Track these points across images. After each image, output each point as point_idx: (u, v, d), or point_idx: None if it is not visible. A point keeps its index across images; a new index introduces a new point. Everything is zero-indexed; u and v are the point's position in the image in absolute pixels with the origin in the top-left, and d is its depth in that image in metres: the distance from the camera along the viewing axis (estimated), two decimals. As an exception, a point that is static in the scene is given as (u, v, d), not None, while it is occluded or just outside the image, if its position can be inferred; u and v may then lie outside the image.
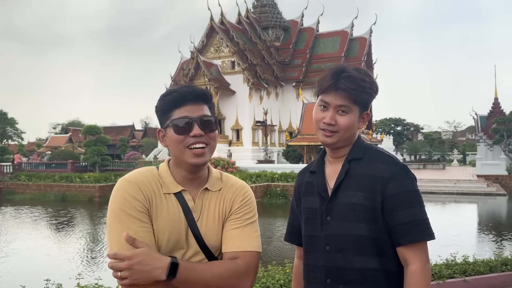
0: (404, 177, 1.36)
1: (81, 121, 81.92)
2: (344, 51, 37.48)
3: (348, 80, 1.39)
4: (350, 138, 1.45)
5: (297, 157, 28.25)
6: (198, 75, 32.27)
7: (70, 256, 9.54)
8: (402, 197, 1.33)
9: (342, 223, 1.37)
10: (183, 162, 1.30)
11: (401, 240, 1.32)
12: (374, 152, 1.45)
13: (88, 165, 25.55)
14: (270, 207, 18.10)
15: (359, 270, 1.33)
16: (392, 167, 1.37)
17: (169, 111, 1.29)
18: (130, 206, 1.23)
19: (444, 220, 15.37)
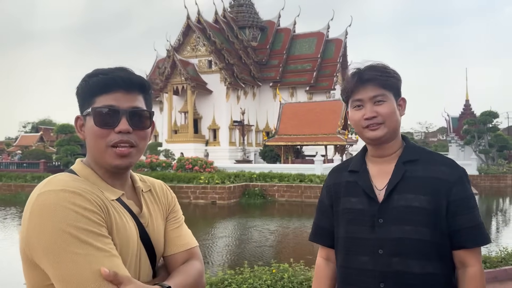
0: (466, 182, 1.36)
1: (52, 120, 79.95)
2: (320, 52, 37.87)
3: (371, 69, 1.38)
4: (396, 129, 1.41)
5: (274, 157, 28.36)
6: (175, 73, 31.97)
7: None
8: (466, 201, 1.33)
9: (401, 227, 1.31)
10: (103, 162, 1.05)
11: (466, 244, 1.31)
12: (431, 154, 1.42)
13: (61, 164, 24.91)
14: (248, 207, 18.09)
15: (420, 274, 1.29)
16: (457, 170, 1.36)
17: (93, 95, 1.05)
18: (88, 221, 0.94)
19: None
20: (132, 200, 1.12)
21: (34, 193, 0.99)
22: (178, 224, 1.20)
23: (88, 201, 0.97)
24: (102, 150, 1.05)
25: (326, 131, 25.40)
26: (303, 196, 19.06)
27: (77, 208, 0.94)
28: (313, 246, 10.39)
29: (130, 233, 1.04)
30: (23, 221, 0.98)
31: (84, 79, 1.09)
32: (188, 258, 1.16)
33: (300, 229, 13.19)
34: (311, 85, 36.37)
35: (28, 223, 0.95)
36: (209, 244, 10.76)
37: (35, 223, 0.93)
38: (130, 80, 1.08)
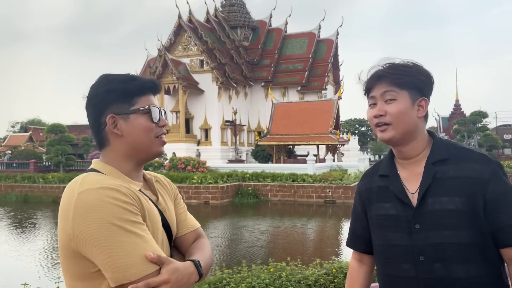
0: (502, 175, 1.28)
1: (41, 120, 79.07)
2: (312, 52, 38.00)
3: (389, 67, 1.33)
4: (410, 131, 1.33)
5: (266, 156, 28.42)
6: (166, 73, 31.86)
7: (40, 259, 9.23)
8: (504, 197, 1.25)
9: (439, 232, 1.27)
10: (149, 151, 1.21)
11: (510, 241, 1.24)
12: (461, 150, 1.34)
13: (51, 165, 24.69)
14: (241, 207, 18.12)
15: (464, 278, 1.25)
16: (489, 166, 1.28)
17: (133, 97, 1.19)
18: (128, 212, 1.05)
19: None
20: (149, 191, 1.26)
21: (72, 193, 1.07)
22: (183, 209, 1.35)
23: (124, 195, 1.08)
24: (151, 141, 1.20)
25: (318, 131, 25.52)
26: (296, 196, 19.13)
27: (118, 202, 1.05)
28: (304, 245, 10.43)
29: (157, 219, 1.18)
30: (64, 219, 1.05)
31: (122, 81, 1.20)
32: (196, 237, 1.32)
33: (293, 229, 13.26)
34: (303, 85, 36.49)
35: (73, 220, 1.03)
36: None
37: (82, 219, 1.03)
38: (157, 85, 1.26)
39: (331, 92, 37.56)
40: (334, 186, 18.81)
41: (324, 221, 15.13)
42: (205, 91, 33.40)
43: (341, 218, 15.66)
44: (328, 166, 23.81)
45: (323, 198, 18.76)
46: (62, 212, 1.07)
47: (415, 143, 1.34)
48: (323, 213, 16.88)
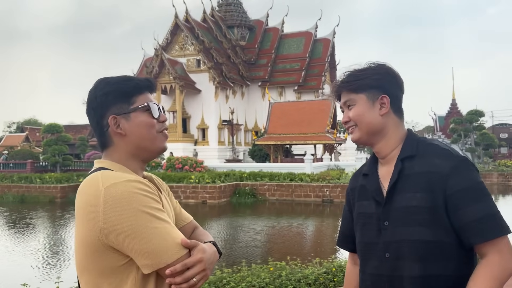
0: (464, 170, 1.23)
1: (38, 120, 78.80)
2: (309, 52, 38.02)
3: (344, 77, 1.39)
4: (376, 131, 1.35)
5: (263, 156, 28.44)
6: (163, 72, 31.80)
7: (39, 259, 9.20)
8: (466, 193, 1.20)
9: (402, 228, 1.26)
10: (153, 148, 1.24)
11: (473, 239, 1.20)
12: (427, 146, 1.32)
13: (48, 165, 24.60)
14: (239, 206, 18.13)
15: (420, 277, 1.23)
16: (450, 160, 1.24)
17: (131, 96, 1.22)
18: (155, 201, 1.12)
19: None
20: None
21: (97, 189, 1.09)
22: (177, 204, 1.39)
23: (147, 186, 1.13)
24: (154, 137, 1.24)
25: (315, 130, 25.55)
26: (294, 195, 19.16)
27: (145, 192, 1.11)
28: (303, 244, 10.45)
29: (169, 211, 1.24)
30: (90, 215, 1.07)
31: (119, 82, 1.24)
32: (193, 227, 1.38)
33: (291, 228, 13.27)
34: (300, 85, 36.52)
35: (104, 213, 1.06)
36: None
37: (115, 211, 1.06)
38: (152, 83, 1.30)
39: (328, 92, 37.44)
40: (331, 185, 18.85)
41: (322, 220, 15.17)
42: (202, 90, 33.37)
43: (339, 217, 15.67)
44: (326, 166, 23.86)
45: (320, 197, 18.79)
46: (86, 209, 1.09)
47: (385, 141, 1.36)
48: (321, 212, 16.92)
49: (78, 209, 1.11)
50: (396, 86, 1.38)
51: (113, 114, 1.19)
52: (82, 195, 1.12)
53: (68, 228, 13.43)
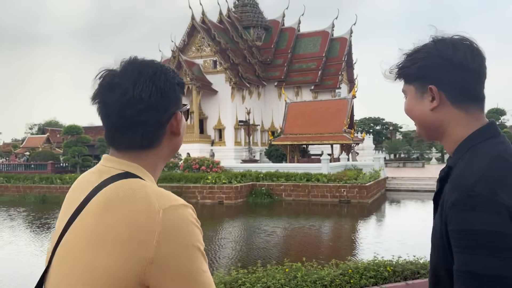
0: (465, 210, 0.92)
1: (58, 121, 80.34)
2: (325, 51, 37.82)
3: (398, 64, 1.15)
4: (428, 127, 1.11)
5: (280, 156, 28.38)
6: (180, 74, 31.76)
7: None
8: (456, 236, 0.94)
9: (433, 252, 1.10)
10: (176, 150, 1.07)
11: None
12: (466, 158, 1.01)
13: (68, 166, 25.05)
14: (255, 206, 18.13)
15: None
16: (457, 191, 0.95)
17: (181, 97, 1.04)
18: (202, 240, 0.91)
19: (430, 216, 15.72)
20: None
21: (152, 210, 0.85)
22: None
23: (195, 214, 0.93)
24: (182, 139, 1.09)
25: (332, 130, 25.38)
26: (310, 195, 19.06)
27: (198, 224, 0.91)
28: (320, 245, 10.38)
29: None
30: (140, 240, 0.82)
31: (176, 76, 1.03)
32: None
33: (308, 229, 13.21)
34: (316, 84, 36.34)
35: (157, 243, 0.82)
36: (219, 244, 10.81)
37: (171, 244, 0.83)
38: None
39: (345, 91, 37.33)
40: (348, 185, 18.69)
41: (339, 221, 15.05)
42: (218, 91, 33.52)
43: (357, 217, 15.55)
44: (343, 166, 23.68)
45: (337, 197, 18.65)
46: (128, 231, 0.83)
47: (446, 140, 1.11)
48: (338, 212, 16.79)
49: (109, 227, 0.84)
50: (455, 71, 1.04)
51: (177, 109, 1.00)
52: (123, 210, 0.85)
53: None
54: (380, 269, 4.89)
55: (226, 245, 10.57)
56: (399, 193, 23.17)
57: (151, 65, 0.98)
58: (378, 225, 14.20)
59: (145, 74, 0.95)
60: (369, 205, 18.00)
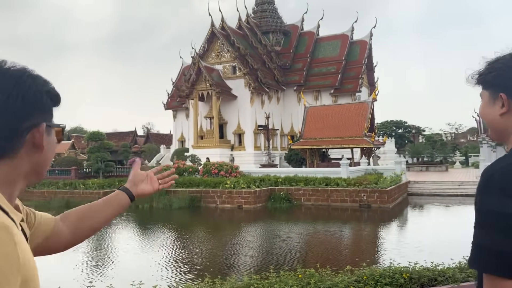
0: (483, 193, 1.10)
1: (83, 128, 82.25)
2: (345, 55, 37.55)
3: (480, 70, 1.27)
4: (498, 131, 1.23)
5: (300, 160, 28.27)
6: (200, 80, 32.37)
7: (74, 263, 9.54)
8: (475, 215, 1.11)
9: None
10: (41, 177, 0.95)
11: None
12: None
13: (92, 171, 25.56)
14: (274, 211, 18.09)
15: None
16: (482, 176, 1.14)
17: (50, 108, 0.93)
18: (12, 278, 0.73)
19: (452, 221, 15.36)
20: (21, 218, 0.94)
21: None
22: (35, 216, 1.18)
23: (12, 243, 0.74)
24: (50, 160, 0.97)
25: (352, 133, 25.14)
26: (330, 200, 18.91)
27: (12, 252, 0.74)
28: (337, 251, 10.27)
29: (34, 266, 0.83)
30: None
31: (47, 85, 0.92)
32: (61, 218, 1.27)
33: (326, 234, 13.09)
34: (336, 88, 36.08)
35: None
36: (235, 249, 10.82)
37: None
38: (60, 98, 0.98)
39: (366, 94, 36.95)
40: (369, 190, 18.45)
41: (359, 226, 14.86)
42: (238, 96, 33.66)
43: (377, 223, 15.33)
44: (363, 170, 23.40)
45: (357, 202, 18.44)
46: None
47: (509, 143, 1.22)
48: (358, 217, 16.59)
49: None
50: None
51: (43, 120, 0.89)
52: None
53: (105, 234, 13.88)
54: (396, 276, 4.80)
55: (242, 251, 10.56)
56: (422, 197, 22.74)
57: (20, 69, 0.88)
58: (398, 230, 13.96)
59: (8, 75, 0.85)
60: (390, 210, 17.73)
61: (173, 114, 40.32)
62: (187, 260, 9.58)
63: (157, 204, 19.66)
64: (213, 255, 10.01)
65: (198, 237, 13.00)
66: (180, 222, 16.23)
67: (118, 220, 16.76)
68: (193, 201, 19.38)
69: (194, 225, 15.66)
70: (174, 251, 10.69)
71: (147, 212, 18.97)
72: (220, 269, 8.54)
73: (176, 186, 20.78)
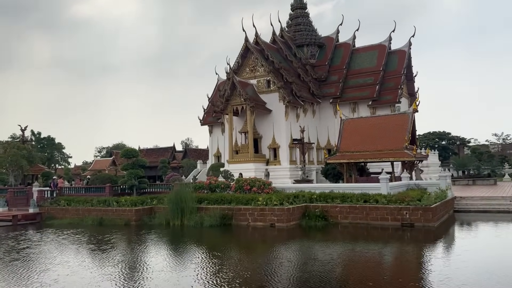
0: None
1: (125, 144, 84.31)
2: (383, 65, 36.34)
3: None
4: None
5: (337, 175, 27.19)
6: (234, 95, 32.14)
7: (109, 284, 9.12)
8: None
9: None
10: None
11: None
12: None
13: (126, 188, 25.60)
14: (309, 230, 17.15)
15: None
16: None
17: None
18: None
19: (507, 243, 13.92)
20: None
21: None
22: None
23: None
24: None
25: (392, 146, 23.89)
26: (369, 218, 17.78)
27: None
28: (377, 280, 9.26)
29: None
30: None
31: None
32: None
33: (365, 257, 12.05)
34: (374, 99, 34.84)
35: None
36: (267, 273, 10.04)
37: None
38: None
39: (406, 105, 35.44)
40: (411, 207, 17.19)
41: (400, 247, 13.68)
42: (272, 110, 33.15)
43: (421, 243, 14.09)
44: (405, 185, 22.04)
45: (399, 220, 17.21)
46: None
47: None
48: (399, 238, 15.38)
49: None
50: None
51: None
52: None
53: (136, 253, 13.50)
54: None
55: (273, 276, 9.76)
56: (469, 214, 21.10)
57: None
58: (445, 253, 12.67)
59: None
60: (436, 229, 16.38)
61: (209, 129, 40.38)
62: (213, 284, 8.92)
63: (188, 221, 19.23)
64: (244, 280, 9.30)
65: (228, 259, 12.33)
66: (211, 242, 15.64)
67: (149, 238, 16.41)
68: (225, 219, 18.79)
69: (225, 245, 15.00)
70: (201, 274, 10.06)
71: (178, 230, 18.55)
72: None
73: (207, 203, 20.31)
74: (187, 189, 20.94)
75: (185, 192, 20.30)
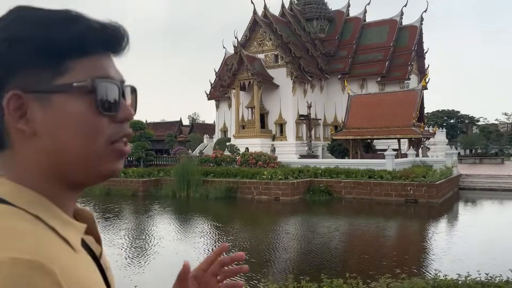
0: None
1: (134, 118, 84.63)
2: (393, 41, 35.71)
3: None
4: None
5: (343, 151, 27.21)
6: (241, 69, 31.91)
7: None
8: None
9: None
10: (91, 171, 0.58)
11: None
12: None
13: (133, 160, 25.88)
14: (313, 204, 17.34)
15: None
16: None
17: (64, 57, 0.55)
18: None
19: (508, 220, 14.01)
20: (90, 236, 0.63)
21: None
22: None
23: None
24: (100, 152, 0.58)
25: (399, 123, 23.78)
26: (373, 194, 17.88)
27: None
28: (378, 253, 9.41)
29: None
30: None
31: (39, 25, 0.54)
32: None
33: (367, 232, 12.21)
34: (383, 76, 34.43)
35: None
36: (269, 245, 10.24)
37: None
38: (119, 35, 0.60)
39: (415, 82, 35.01)
40: (416, 183, 17.24)
41: (403, 223, 13.82)
42: (279, 85, 32.93)
43: (423, 220, 14.21)
44: (410, 162, 22.03)
45: (403, 196, 17.30)
46: None
47: None
48: (403, 213, 15.51)
49: None
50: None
51: (19, 87, 0.53)
52: None
53: (145, 222, 13.78)
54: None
55: (276, 248, 9.96)
56: (474, 192, 21.12)
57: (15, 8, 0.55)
58: (447, 230, 12.79)
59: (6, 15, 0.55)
60: (439, 205, 16.47)
61: (215, 104, 40.25)
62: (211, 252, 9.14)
63: (193, 194, 19.48)
64: (243, 249, 9.50)
65: (232, 231, 12.56)
66: (216, 214, 15.89)
67: (156, 207, 16.71)
68: (230, 192, 19.00)
69: (229, 217, 15.25)
70: (201, 242, 10.29)
71: (183, 202, 18.84)
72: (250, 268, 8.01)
73: (213, 176, 20.52)
74: (193, 162, 21.13)
75: (191, 165, 20.50)
